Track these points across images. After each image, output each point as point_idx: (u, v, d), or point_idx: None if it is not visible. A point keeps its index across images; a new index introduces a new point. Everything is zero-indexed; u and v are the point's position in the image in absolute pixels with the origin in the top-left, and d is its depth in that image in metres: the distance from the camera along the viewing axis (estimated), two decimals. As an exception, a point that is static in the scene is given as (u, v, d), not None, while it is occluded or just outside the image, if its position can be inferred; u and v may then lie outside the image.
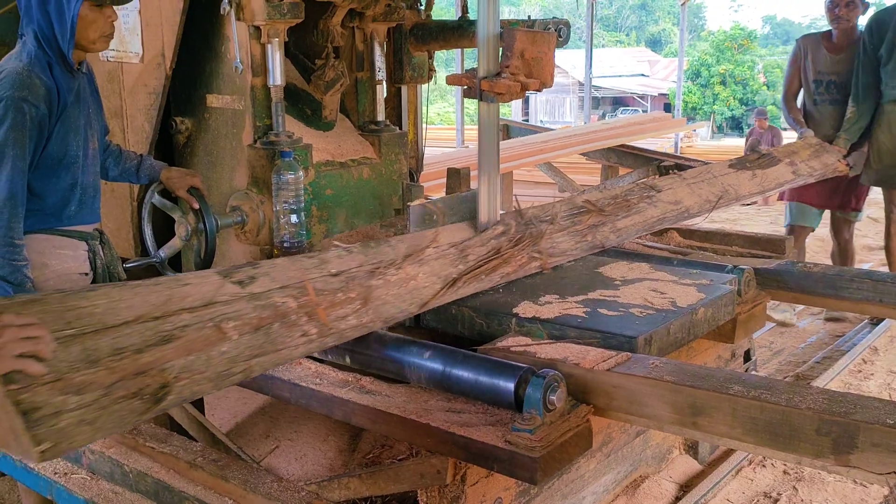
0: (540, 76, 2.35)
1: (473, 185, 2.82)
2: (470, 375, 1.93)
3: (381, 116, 3.49)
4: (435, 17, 3.69)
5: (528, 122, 22.25)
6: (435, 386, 2.05)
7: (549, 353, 2.05)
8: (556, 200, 2.92)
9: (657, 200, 3.07)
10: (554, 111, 31.02)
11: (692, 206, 3.20)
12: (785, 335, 4.62)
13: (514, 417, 1.84)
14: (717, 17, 61.67)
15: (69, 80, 2.33)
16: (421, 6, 3.62)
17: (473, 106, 2.64)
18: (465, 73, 2.40)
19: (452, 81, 2.47)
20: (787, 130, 8.85)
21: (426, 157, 4.04)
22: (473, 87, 2.34)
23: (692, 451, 3.08)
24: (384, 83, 3.50)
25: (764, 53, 32.81)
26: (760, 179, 3.72)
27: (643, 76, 33.13)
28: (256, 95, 2.94)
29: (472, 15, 3.51)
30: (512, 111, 24.68)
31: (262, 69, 2.91)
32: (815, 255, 5.74)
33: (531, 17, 3.41)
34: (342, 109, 3.43)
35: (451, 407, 2.03)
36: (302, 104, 3.32)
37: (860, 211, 4.76)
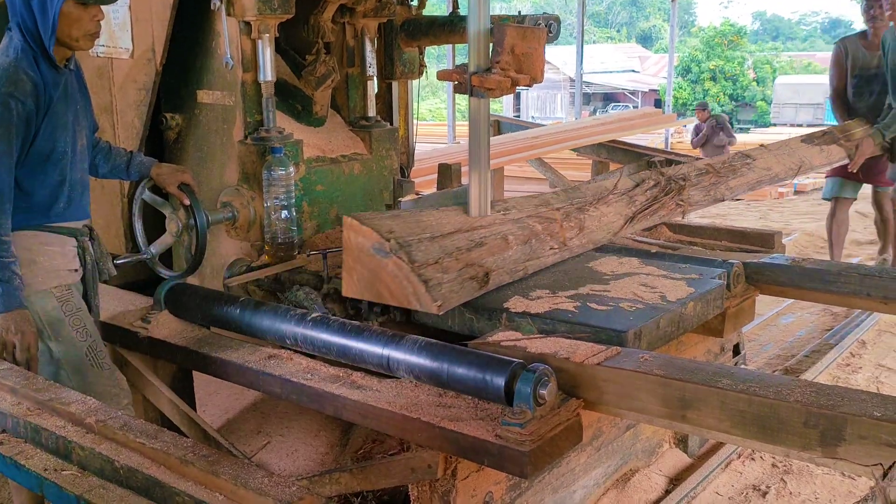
0: (530, 72, 2.36)
1: (464, 180, 2.83)
2: (461, 370, 1.94)
3: (371, 112, 3.49)
4: (426, 12, 3.69)
5: (519, 117, 22.19)
6: (426, 381, 2.05)
7: (539, 347, 2.06)
8: (683, 164, 3.64)
9: (754, 166, 3.78)
10: (545, 107, 31.02)
11: (780, 172, 3.96)
12: (774, 329, 4.65)
13: (504, 412, 1.85)
14: (707, 13, 61.92)
15: (55, 75, 2.31)
16: (413, 2, 3.61)
17: (465, 102, 2.67)
18: (455, 68, 2.40)
19: (443, 77, 2.47)
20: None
21: (417, 152, 4.04)
22: (464, 82, 2.34)
23: (682, 444, 3.09)
24: (375, 79, 3.50)
25: (754, 49, 32.88)
26: (827, 154, 4.46)
27: (634, 72, 33.17)
28: (247, 91, 2.93)
29: (462, 10, 3.51)
30: (503, 107, 24.65)
31: (252, 65, 2.91)
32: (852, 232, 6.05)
33: (521, 12, 3.41)
34: (333, 105, 3.43)
35: (441, 402, 2.04)
36: (292, 100, 3.31)
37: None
